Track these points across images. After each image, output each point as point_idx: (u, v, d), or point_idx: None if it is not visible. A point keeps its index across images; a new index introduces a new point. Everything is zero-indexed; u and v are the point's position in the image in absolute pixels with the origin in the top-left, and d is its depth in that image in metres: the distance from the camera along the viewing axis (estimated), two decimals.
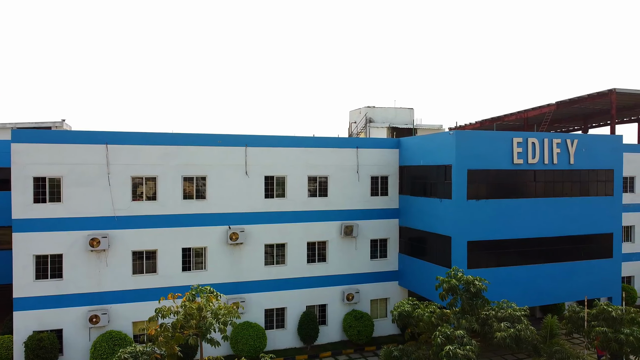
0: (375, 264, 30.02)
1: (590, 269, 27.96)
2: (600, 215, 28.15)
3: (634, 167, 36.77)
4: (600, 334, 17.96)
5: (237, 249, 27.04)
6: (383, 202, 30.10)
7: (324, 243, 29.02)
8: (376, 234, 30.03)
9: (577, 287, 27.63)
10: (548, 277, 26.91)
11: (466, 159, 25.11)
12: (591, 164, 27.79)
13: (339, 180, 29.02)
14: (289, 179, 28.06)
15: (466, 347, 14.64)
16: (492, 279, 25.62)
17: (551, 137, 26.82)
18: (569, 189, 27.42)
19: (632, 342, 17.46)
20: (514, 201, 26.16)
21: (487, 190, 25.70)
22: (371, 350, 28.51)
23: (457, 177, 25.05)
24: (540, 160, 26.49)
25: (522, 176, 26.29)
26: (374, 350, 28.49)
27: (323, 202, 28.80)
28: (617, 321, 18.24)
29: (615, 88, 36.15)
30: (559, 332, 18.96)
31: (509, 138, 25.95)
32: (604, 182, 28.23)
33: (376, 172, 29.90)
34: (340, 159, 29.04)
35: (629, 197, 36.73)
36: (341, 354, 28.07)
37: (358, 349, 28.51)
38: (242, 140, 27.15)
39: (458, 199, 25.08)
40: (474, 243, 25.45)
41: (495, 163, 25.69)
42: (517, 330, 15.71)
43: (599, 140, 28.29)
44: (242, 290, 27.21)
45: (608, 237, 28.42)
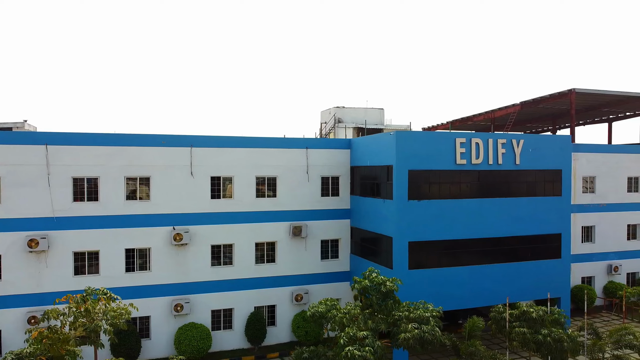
0: (326, 265, 29.97)
1: (538, 270, 27.91)
2: (548, 216, 28.11)
3: (594, 167, 36.77)
4: (520, 334, 17.93)
5: (182, 250, 26.98)
6: (334, 202, 30.05)
7: (273, 244, 28.97)
8: (327, 234, 29.98)
9: (524, 287, 27.59)
10: (494, 278, 26.86)
11: (407, 160, 25.06)
12: (538, 164, 27.73)
13: (288, 181, 28.97)
14: (236, 180, 28.01)
15: (365, 349, 14.59)
16: (435, 279, 25.75)
17: (496, 137, 26.78)
18: (515, 189, 27.38)
19: (549, 342, 17.42)
20: (457, 201, 26.12)
21: (430, 190, 25.65)
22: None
23: (398, 177, 25.01)
24: (484, 161, 26.44)
25: (465, 176, 26.25)
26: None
27: (272, 202, 28.75)
28: (538, 322, 18.20)
29: (575, 88, 36.16)
30: (479, 332, 18.93)
31: (451, 138, 25.90)
32: (551, 182, 28.18)
33: (327, 172, 29.85)
34: (289, 160, 28.99)
35: (589, 197, 36.74)
36: (289, 354, 28.01)
37: None
38: (187, 140, 27.10)
39: (399, 200, 25.04)
40: (416, 244, 25.40)
41: (438, 164, 25.64)
42: (422, 331, 15.65)
43: (546, 141, 28.25)
44: (187, 291, 27.14)
45: (556, 238, 28.37)
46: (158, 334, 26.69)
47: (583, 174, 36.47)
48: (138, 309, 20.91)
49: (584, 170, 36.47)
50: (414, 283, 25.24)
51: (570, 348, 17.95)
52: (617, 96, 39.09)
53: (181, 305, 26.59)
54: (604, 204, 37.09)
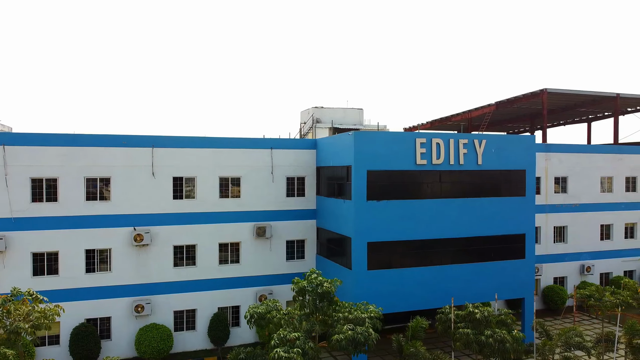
0: (291, 265, 29.89)
1: (502, 270, 27.83)
2: (512, 216, 28.01)
3: (567, 168, 36.71)
4: (463, 335, 17.86)
5: (143, 251, 26.91)
6: (299, 203, 29.98)
7: (237, 244, 28.90)
8: (292, 235, 29.91)
9: (488, 288, 27.47)
10: (457, 278, 26.77)
11: (366, 160, 24.98)
12: (502, 165, 27.65)
13: (252, 181, 28.90)
14: (199, 180, 27.93)
15: (293, 350, 14.51)
16: (395, 280, 25.68)
17: (457, 137, 26.70)
18: (478, 189, 27.29)
19: (490, 343, 17.34)
20: (418, 202, 26.03)
21: (389, 191, 25.56)
22: None
23: (357, 178, 24.93)
24: (445, 161, 26.35)
25: (426, 177, 26.16)
26: None
27: (236, 203, 28.68)
28: (482, 323, 18.12)
29: (547, 88, 36.18)
30: (422, 333, 18.84)
31: (411, 139, 25.82)
32: (515, 183, 28.09)
33: (292, 172, 29.78)
34: (253, 160, 28.92)
35: (562, 197, 36.69)
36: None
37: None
38: (148, 141, 27.03)
39: (357, 200, 24.97)
40: (375, 244, 25.32)
41: (398, 164, 25.55)
42: (355, 332, 15.57)
43: (510, 141, 28.17)
44: (149, 292, 27.07)
45: (520, 238, 28.29)
46: (119, 334, 26.62)
47: (555, 174, 36.40)
48: (65, 310, 20.53)
49: (556, 171, 36.41)
50: (374, 283, 25.20)
51: (514, 349, 17.88)
52: (590, 96, 39.09)
53: (142, 306, 26.51)
54: (576, 204, 37.03)
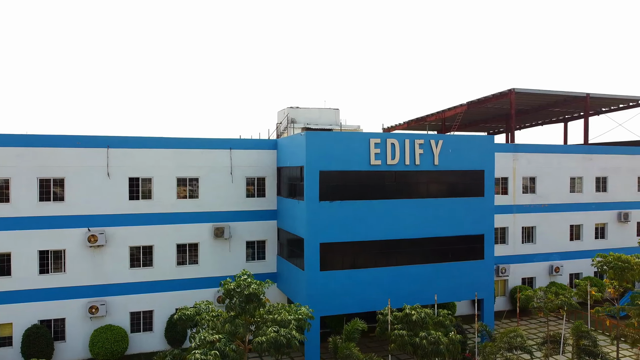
0: (251, 266, 29.68)
1: (460, 271, 27.69)
2: (471, 217, 27.87)
3: (535, 168, 36.61)
4: (398, 337, 17.72)
5: (98, 252, 26.76)
6: (260, 203, 29.84)
7: (196, 245, 28.76)
8: (252, 235, 29.77)
9: (446, 288, 27.37)
10: (413, 279, 26.64)
11: (318, 160, 24.85)
12: (459, 165, 27.52)
13: (211, 182, 28.76)
14: (156, 180, 27.79)
15: (211, 353, 14.38)
16: (349, 281, 25.55)
17: (413, 137, 26.56)
18: (434, 190, 27.17)
19: (424, 345, 17.21)
20: (372, 202, 25.90)
21: (343, 191, 25.43)
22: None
23: (309, 178, 24.80)
24: (401, 161, 26.22)
25: (381, 177, 26.02)
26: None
27: (194, 203, 28.54)
28: (418, 324, 17.99)
29: (515, 88, 36.07)
30: (358, 335, 18.69)
31: (365, 139, 25.69)
32: (473, 183, 27.95)
33: (252, 173, 29.65)
34: (212, 160, 28.78)
35: (530, 197, 36.58)
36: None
37: None
38: (103, 141, 26.89)
39: (310, 201, 24.83)
40: (328, 245, 25.19)
41: (351, 164, 25.42)
42: (279, 334, 15.42)
43: (467, 141, 28.03)
44: (104, 293, 26.92)
45: (479, 239, 28.15)
46: (73, 336, 26.47)
47: (523, 174, 36.30)
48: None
49: (524, 171, 36.31)
50: (327, 285, 25.08)
51: (450, 351, 17.74)
52: (560, 96, 39.01)
53: (96, 307, 26.36)
54: (545, 205, 36.92)
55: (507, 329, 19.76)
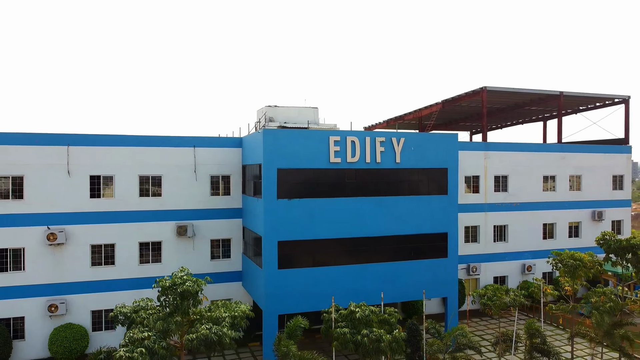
0: (216, 265, 29.63)
1: (423, 269, 27.53)
2: (434, 215, 27.73)
3: (507, 166, 36.50)
4: (341, 335, 17.60)
5: (58, 250, 26.62)
6: (225, 202, 29.72)
7: (159, 243, 28.62)
8: (217, 234, 29.64)
9: (409, 287, 27.22)
10: (375, 277, 26.49)
11: (276, 158, 24.72)
12: (422, 163, 27.37)
13: (174, 180, 28.63)
14: (118, 179, 27.65)
15: (137, 350, 14.23)
16: (308, 279, 25.41)
17: (374, 135, 26.43)
18: (396, 188, 27.01)
19: (365, 342, 17.08)
20: (332, 200, 25.76)
21: (302, 189, 25.30)
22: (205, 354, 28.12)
23: (267, 175, 24.67)
24: (361, 159, 26.09)
25: (341, 175, 25.88)
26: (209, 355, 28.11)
27: (157, 202, 28.41)
28: (361, 322, 17.86)
29: (486, 86, 35.93)
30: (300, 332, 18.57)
31: (325, 137, 25.56)
32: (437, 181, 27.82)
33: (217, 171, 29.53)
34: (176, 158, 28.66)
35: (502, 196, 36.46)
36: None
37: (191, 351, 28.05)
38: (63, 139, 26.75)
39: (267, 199, 24.70)
40: (287, 243, 25.05)
41: (310, 162, 25.28)
42: (211, 332, 15.29)
43: (430, 139, 27.90)
44: (64, 292, 26.78)
45: (442, 237, 28.01)
46: (33, 335, 26.33)
47: (495, 172, 36.19)
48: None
49: (496, 169, 36.20)
50: (285, 283, 24.94)
51: (393, 349, 17.60)
52: (534, 94, 38.86)
53: (56, 306, 26.23)
54: (517, 203, 36.82)
55: (454, 327, 19.62)
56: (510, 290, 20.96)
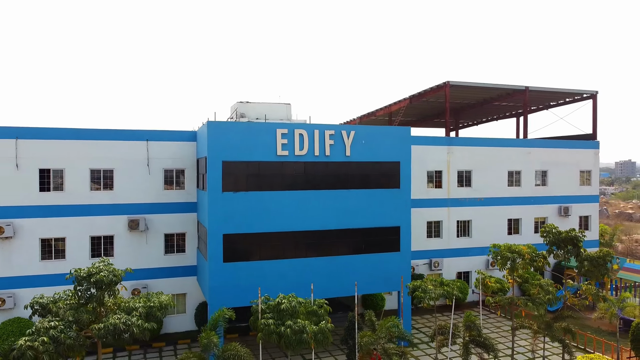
0: (170, 259, 29.49)
1: (375, 263, 27.40)
2: (386, 209, 27.60)
3: (471, 161, 36.40)
4: (265, 326, 17.44)
5: (6, 244, 26.47)
6: (179, 195, 29.57)
7: (111, 237, 28.47)
8: (171, 228, 29.49)
9: (360, 281, 26.93)
10: (324, 271, 26.33)
11: (221, 151, 24.57)
12: (373, 156, 27.24)
13: (126, 173, 28.48)
14: (68, 172, 27.50)
15: (39, 340, 14.10)
16: (255, 272, 25.27)
17: (323, 128, 26.30)
18: (347, 181, 26.86)
19: (287, 334, 16.94)
20: (280, 193, 25.62)
21: (248, 182, 25.15)
22: (159, 347, 28.03)
23: (212, 168, 24.52)
24: (310, 152, 25.95)
25: (289, 168, 25.75)
26: (161, 347, 28.03)
27: (108, 195, 28.26)
28: (287, 313, 17.71)
29: (449, 81, 35.79)
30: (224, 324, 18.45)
31: (272, 129, 25.42)
32: (389, 175, 27.68)
33: (171, 165, 29.37)
34: (128, 152, 28.50)
35: (465, 191, 36.34)
36: (124, 350, 27.53)
37: (144, 345, 27.98)
38: (12, 132, 26.60)
39: (213, 191, 24.56)
40: (233, 236, 24.90)
41: (257, 155, 25.14)
42: (120, 322, 15.16)
43: (382, 132, 27.75)
44: (13, 286, 26.65)
45: (395, 231, 27.88)
46: None
47: (458, 167, 36.06)
48: None
49: (459, 164, 36.08)
50: (231, 276, 24.79)
51: (319, 340, 17.45)
52: (500, 89, 38.73)
53: (3, 300, 26.10)
54: (481, 198, 36.70)
55: (386, 319, 19.49)
56: (445, 282, 20.79)
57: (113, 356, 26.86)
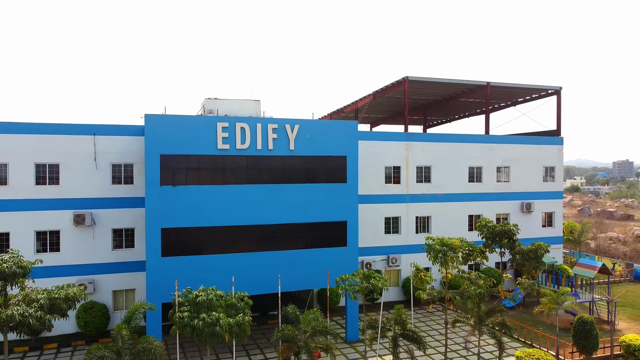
0: (119, 254, 29.30)
1: (321, 258, 27.22)
2: (332, 203, 27.44)
3: (430, 157, 36.27)
4: (180, 319, 17.29)
5: None
6: (127, 190, 29.38)
7: (57, 232, 28.30)
8: (120, 223, 29.30)
9: (306, 276, 26.92)
10: (267, 266, 26.15)
11: (159, 144, 24.42)
12: (318, 150, 27.09)
13: (73, 168, 28.30)
14: (12, 166, 27.33)
15: None
16: (194, 267, 25.12)
17: (265, 122, 26.15)
18: (291, 175, 26.71)
19: (199, 326, 16.79)
20: (221, 187, 25.46)
21: (188, 176, 25.00)
22: (105, 342, 27.81)
23: (150, 162, 24.37)
24: (252, 146, 25.80)
25: (230, 162, 25.59)
26: (108, 342, 27.80)
27: (54, 190, 28.08)
28: (203, 306, 17.55)
29: (408, 76, 35.64)
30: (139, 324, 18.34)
31: (212, 123, 25.26)
32: (335, 169, 27.52)
33: (119, 159, 29.19)
34: (74, 146, 28.31)
35: (425, 187, 36.19)
36: (69, 345, 27.37)
37: (91, 340, 27.80)
38: None
39: (151, 185, 24.39)
40: (172, 230, 24.74)
41: (197, 148, 24.98)
42: (18, 313, 15.02)
43: (327, 126, 27.60)
44: None
45: (342, 225, 27.72)
46: None
47: (417, 163, 35.91)
48: None
49: (418, 160, 35.93)
50: (170, 270, 24.58)
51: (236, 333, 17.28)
52: (459, 85, 38.57)
53: None
54: (440, 194, 36.54)
55: (307, 312, 19.31)
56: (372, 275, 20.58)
57: (57, 351, 26.69)
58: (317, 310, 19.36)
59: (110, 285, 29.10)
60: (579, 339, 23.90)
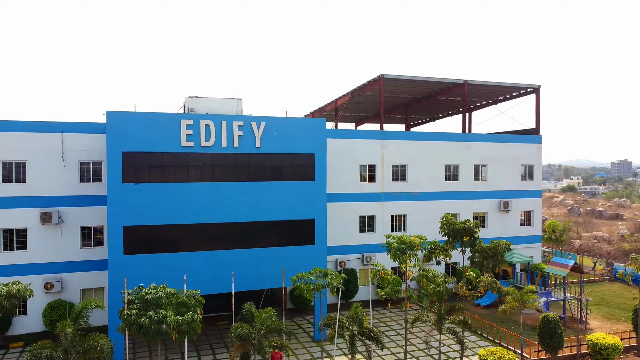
0: (87, 252, 29.13)
1: (288, 256, 27.06)
2: (300, 201, 27.29)
3: (406, 155, 36.11)
4: (128, 316, 17.12)
5: None
6: (95, 188, 29.20)
7: (24, 230, 28.11)
8: (88, 221, 29.13)
9: (272, 274, 26.70)
10: (233, 264, 25.98)
11: (121, 141, 24.25)
12: (286, 148, 26.94)
13: (40, 166, 28.11)
14: None
15: None
16: (158, 265, 24.97)
17: (231, 119, 25.99)
18: (257, 173, 26.55)
19: (145, 324, 16.63)
20: (185, 185, 25.30)
21: (151, 173, 24.83)
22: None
23: (112, 159, 24.21)
24: (217, 143, 25.63)
25: (194, 159, 25.43)
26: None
27: (20, 188, 27.90)
28: (152, 304, 17.40)
29: (384, 74, 35.48)
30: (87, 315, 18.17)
31: (176, 120, 25.10)
32: (303, 167, 27.37)
33: (87, 157, 29.01)
34: (42, 144, 28.13)
35: (400, 185, 36.04)
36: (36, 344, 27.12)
37: (56, 339, 27.58)
38: None
39: (112, 182, 24.23)
40: (134, 228, 24.58)
41: (160, 145, 24.82)
42: None
43: (295, 124, 27.44)
44: None
45: (309, 223, 27.56)
46: None
47: (393, 162, 35.75)
48: None
49: (393, 158, 35.77)
50: (133, 269, 24.40)
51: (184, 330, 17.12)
52: (436, 83, 38.43)
53: None
54: (417, 193, 36.38)
55: (261, 311, 19.14)
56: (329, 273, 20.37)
57: (23, 350, 26.53)
58: (272, 309, 19.17)
59: (78, 284, 28.91)
60: (544, 338, 23.77)
